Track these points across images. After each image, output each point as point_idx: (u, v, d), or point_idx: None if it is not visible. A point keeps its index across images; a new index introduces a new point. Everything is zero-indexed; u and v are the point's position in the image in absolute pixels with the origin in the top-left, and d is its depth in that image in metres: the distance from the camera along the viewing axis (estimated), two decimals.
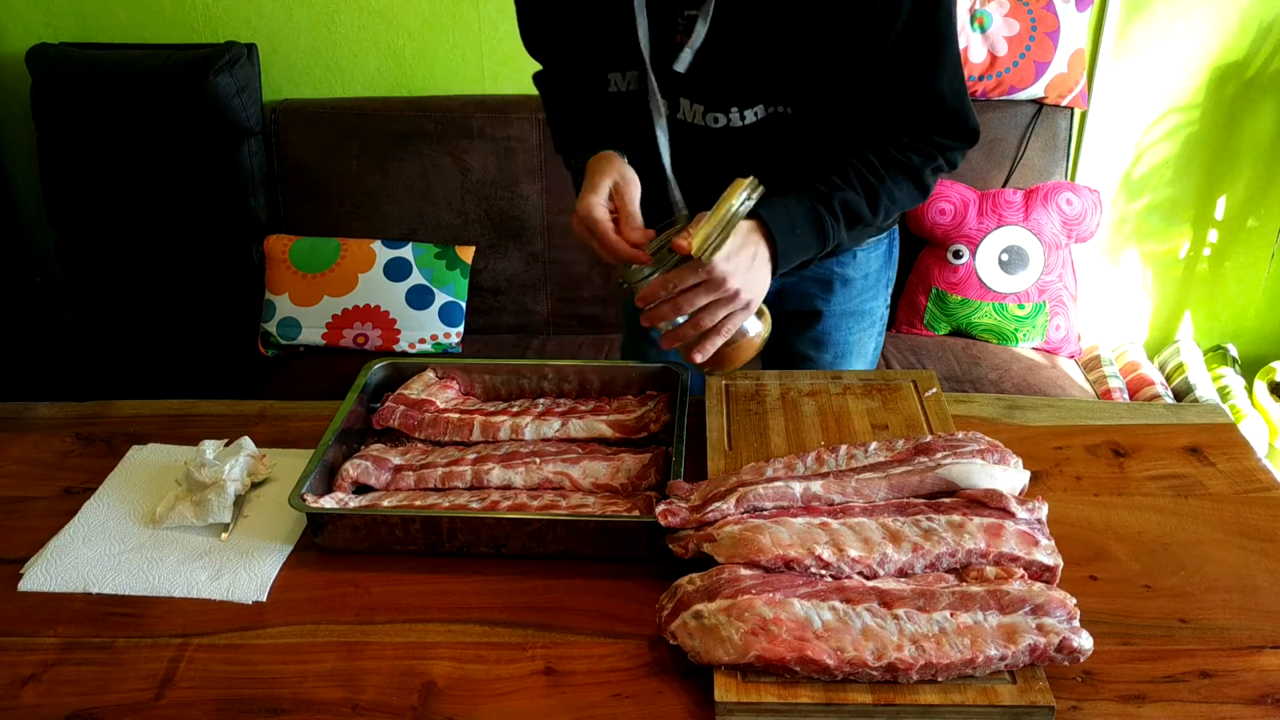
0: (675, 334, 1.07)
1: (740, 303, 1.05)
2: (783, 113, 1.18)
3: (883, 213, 1.17)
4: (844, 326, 1.45)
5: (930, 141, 1.18)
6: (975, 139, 1.20)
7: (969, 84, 2.41)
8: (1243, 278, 2.69)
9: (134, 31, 2.55)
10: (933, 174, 1.20)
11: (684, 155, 1.26)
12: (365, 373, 1.29)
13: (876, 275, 1.45)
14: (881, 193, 1.16)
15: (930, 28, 1.10)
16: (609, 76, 1.22)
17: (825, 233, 1.13)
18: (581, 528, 1.04)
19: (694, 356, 1.07)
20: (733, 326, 1.07)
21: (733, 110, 1.18)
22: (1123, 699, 0.87)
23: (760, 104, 1.17)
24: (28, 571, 1.06)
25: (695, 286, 1.03)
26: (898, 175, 1.17)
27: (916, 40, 1.10)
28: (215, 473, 1.13)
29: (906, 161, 1.17)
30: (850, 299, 1.43)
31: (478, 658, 0.94)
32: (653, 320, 1.07)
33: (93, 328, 2.67)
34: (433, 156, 2.49)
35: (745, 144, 1.20)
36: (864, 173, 1.16)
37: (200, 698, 0.90)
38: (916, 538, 0.95)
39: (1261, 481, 1.14)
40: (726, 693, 0.85)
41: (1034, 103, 2.45)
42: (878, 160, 1.16)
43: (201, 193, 2.50)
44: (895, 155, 1.17)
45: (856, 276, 1.42)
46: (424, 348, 2.46)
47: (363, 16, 2.51)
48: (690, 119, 1.21)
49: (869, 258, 1.42)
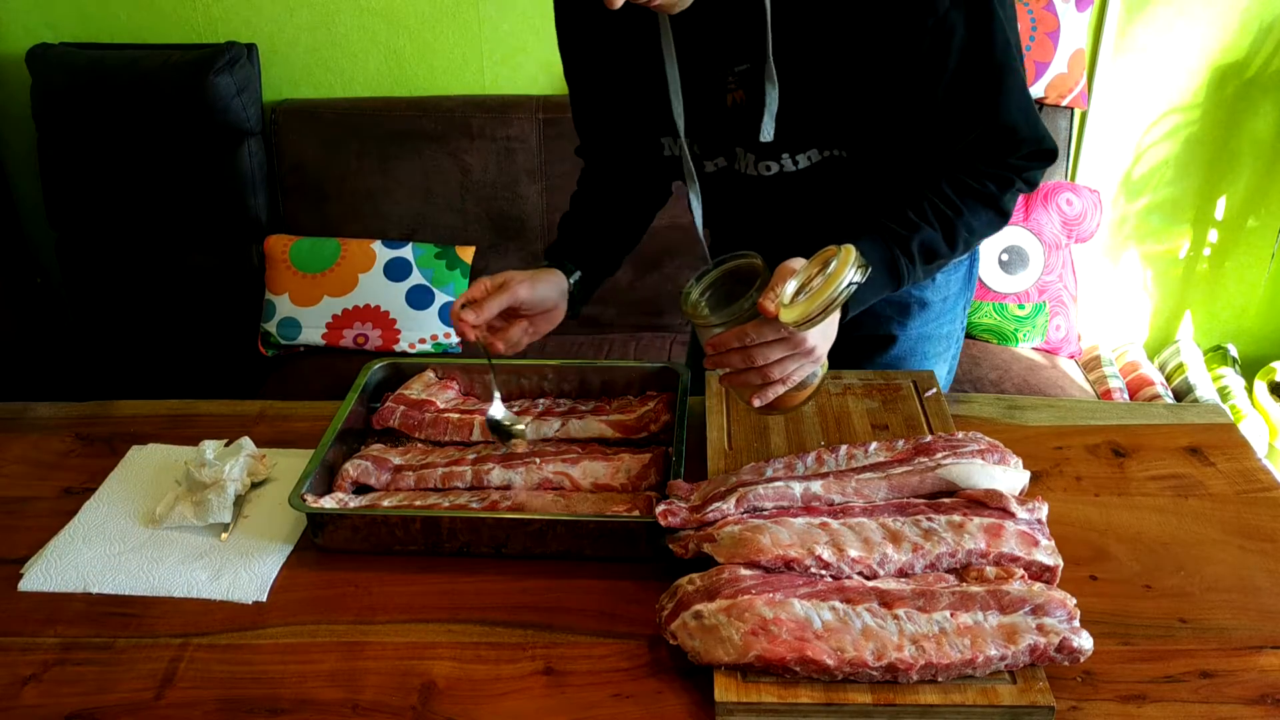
0: (740, 378, 1.04)
1: (813, 358, 1.02)
2: (837, 156, 1.14)
3: (961, 245, 1.12)
4: (919, 351, 1.39)
5: (1007, 165, 1.13)
6: (1053, 158, 1.14)
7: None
8: (1243, 278, 2.69)
9: (134, 31, 2.55)
10: (1012, 197, 1.14)
11: (739, 204, 1.25)
12: (365, 373, 1.29)
13: (956, 298, 1.40)
14: (959, 225, 1.11)
15: (987, 59, 1.05)
16: (662, 142, 1.21)
17: (900, 274, 1.09)
18: (581, 528, 1.04)
19: (754, 401, 1.04)
20: (799, 377, 1.04)
21: (784, 156, 1.15)
22: (1123, 699, 0.87)
23: (814, 148, 1.14)
24: (28, 571, 1.06)
25: (773, 342, 0.99)
26: (975, 205, 1.12)
27: (975, 75, 1.06)
28: (215, 473, 1.13)
29: (983, 190, 1.12)
30: (927, 323, 1.37)
31: (478, 658, 0.94)
32: (720, 364, 1.03)
33: (93, 328, 2.66)
34: (433, 156, 2.49)
35: (800, 189, 1.18)
36: (940, 206, 1.11)
37: (200, 698, 0.90)
38: (916, 538, 0.95)
39: (1261, 481, 1.14)
40: (726, 693, 0.85)
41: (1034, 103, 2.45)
42: (953, 191, 1.11)
43: (201, 193, 2.50)
44: (971, 184, 1.12)
45: (935, 300, 1.36)
46: (424, 348, 2.46)
47: (363, 16, 2.51)
48: (743, 169, 1.19)
49: (949, 280, 1.37)
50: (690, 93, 1.13)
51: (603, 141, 1.34)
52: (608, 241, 1.33)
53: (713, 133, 1.18)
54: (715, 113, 1.15)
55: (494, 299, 1.14)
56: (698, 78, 1.13)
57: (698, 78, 1.13)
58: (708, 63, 1.12)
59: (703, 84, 1.13)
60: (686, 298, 1.05)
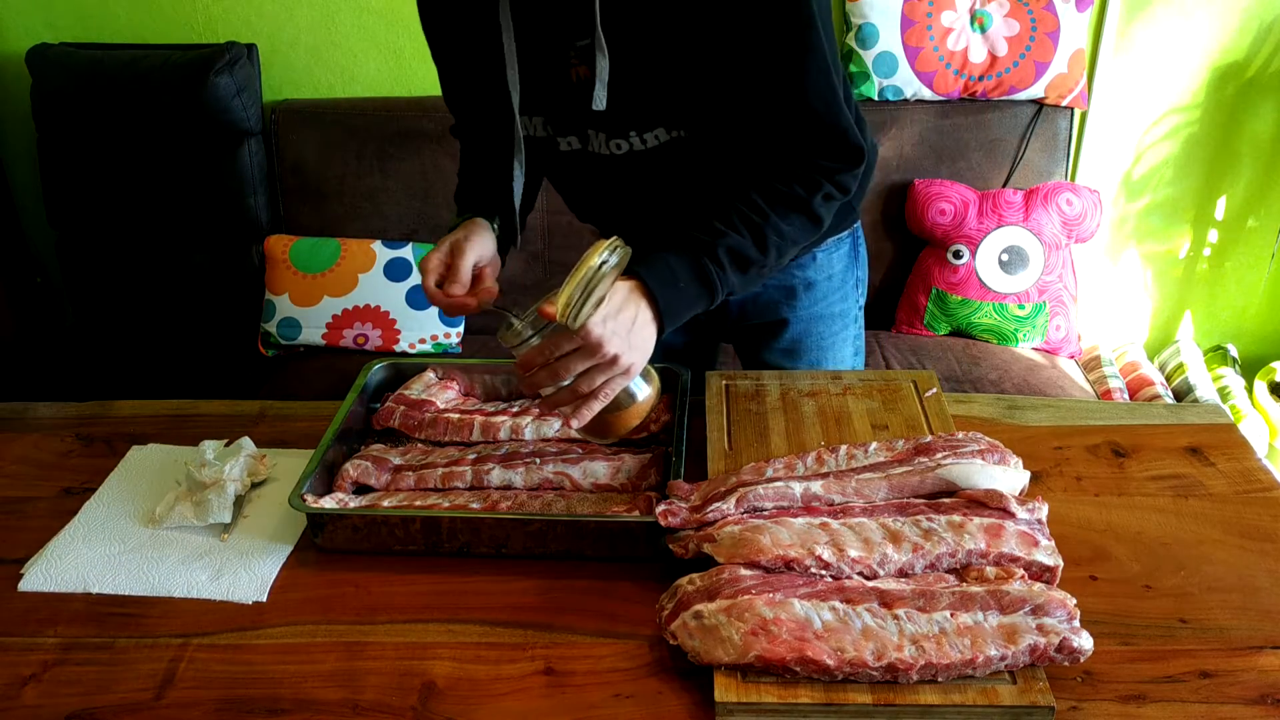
0: (552, 400, 1.02)
1: (620, 368, 1.00)
2: (680, 137, 1.15)
3: (774, 251, 1.12)
4: (814, 331, 1.42)
5: (814, 166, 1.13)
6: (860, 158, 1.14)
7: (970, 84, 2.41)
8: (1243, 278, 2.69)
9: (134, 31, 2.55)
10: (824, 203, 1.14)
11: (596, 186, 1.26)
12: (365, 373, 1.29)
13: (842, 275, 1.42)
14: (768, 230, 1.10)
15: (791, 37, 1.06)
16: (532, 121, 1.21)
17: (712, 283, 1.08)
18: (581, 528, 1.04)
19: (571, 422, 1.03)
20: (611, 392, 1.01)
21: (632, 135, 1.15)
22: (1123, 699, 0.87)
23: (660, 127, 1.14)
24: (28, 571, 1.06)
25: (571, 353, 0.98)
26: (784, 210, 1.12)
27: (779, 50, 1.07)
28: (215, 473, 1.13)
29: (791, 193, 1.12)
30: (816, 302, 1.40)
31: (478, 658, 0.94)
32: (532, 387, 1.02)
33: (93, 328, 2.66)
34: (433, 156, 2.49)
35: (649, 170, 1.18)
36: (746, 213, 1.10)
37: (200, 698, 0.90)
38: (916, 538, 0.95)
39: (1261, 481, 1.14)
40: (726, 693, 0.85)
41: (1034, 103, 2.45)
42: (761, 198, 1.11)
43: (201, 193, 2.50)
44: (779, 189, 1.12)
45: (820, 279, 1.39)
46: (424, 348, 2.46)
47: (363, 16, 2.51)
48: (597, 149, 1.19)
49: (830, 259, 1.39)
50: (536, 68, 1.14)
51: (469, 120, 1.35)
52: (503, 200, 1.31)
53: (561, 110, 1.18)
54: (561, 89, 1.15)
55: (462, 264, 1.15)
56: (541, 52, 1.13)
57: (541, 52, 1.13)
58: (549, 37, 1.13)
59: (546, 59, 1.14)
60: (509, 328, 1.04)
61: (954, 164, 2.47)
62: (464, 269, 1.14)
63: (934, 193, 2.43)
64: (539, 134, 1.22)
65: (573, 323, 0.96)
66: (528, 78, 1.14)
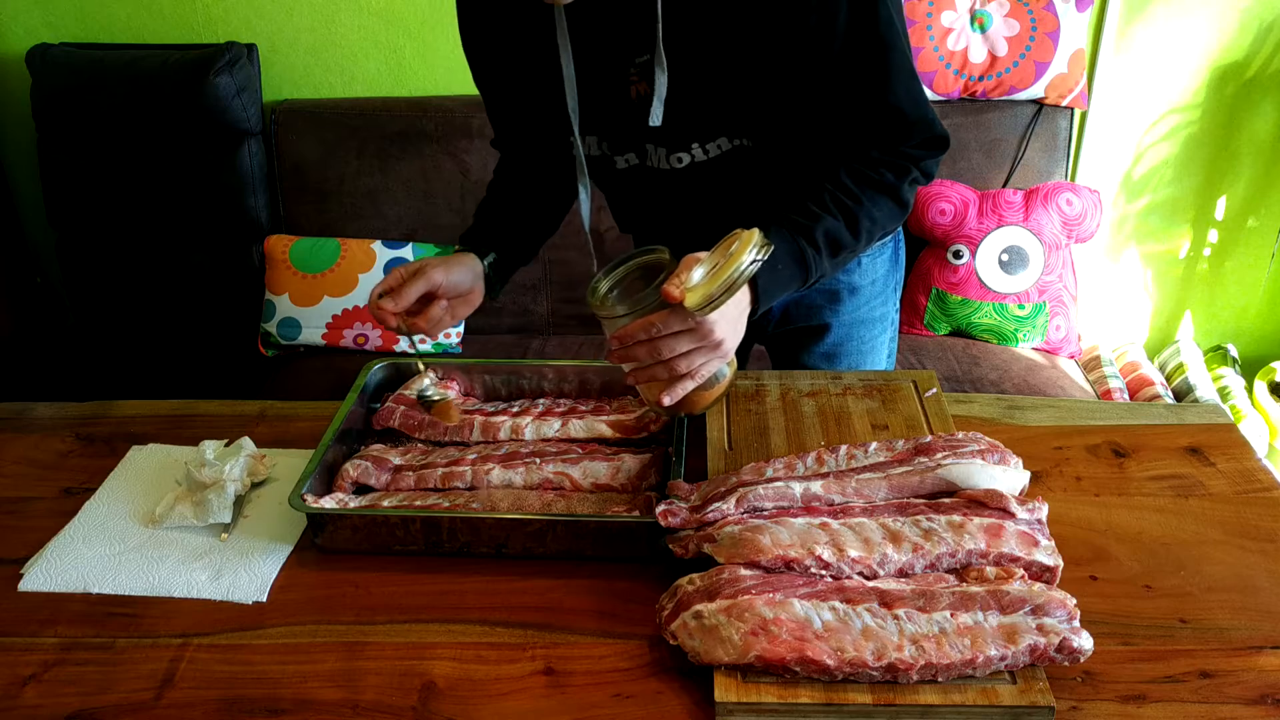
0: (647, 373, 1.01)
1: (721, 352, 1.00)
2: (744, 145, 1.15)
3: (864, 236, 1.12)
4: (856, 336, 1.41)
5: (901, 154, 1.14)
6: (946, 145, 1.16)
7: (970, 84, 2.41)
8: (1243, 278, 2.69)
9: (134, 31, 2.55)
10: (910, 187, 1.15)
11: (652, 200, 1.26)
12: (365, 373, 1.29)
13: (884, 280, 1.42)
14: (861, 215, 1.11)
15: (872, 36, 1.06)
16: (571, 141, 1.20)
17: (808, 266, 1.08)
18: (581, 528, 1.04)
19: (662, 399, 1.02)
20: (707, 373, 1.02)
21: (694, 147, 1.16)
22: (1123, 699, 0.87)
23: (722, 137, 1.14)
24: (28, 571, 1.06)
25: (679, 333, 0.98)
26: (875, 195, 1.13)
27: (860, 52, 1.07)
28: (215, 473, 1.13)
29: (881, 179, 1.13)
30: (859, 307, 1.40)
31: (478, 658, 0.94)
32: (626, 358, 1.01)
33: (93, 328, 2.66)
34: (433, 156, 2.49)
35: (708, 181, 1.19)
36: (840, 197, 1.11)
37: (200, 698, 0.90)
38: (916, 538, 0.95)
39: (1261, 481, 1.14)
40: (726, 693, 0.85)
41: (1034, 103, 2.45)
42: (852, 182, 1.12)
43: (201, 193, 2.50)
44: (869, 174, 1.13)
45: (864, 284, 1.39)
46: (424, 348, 2.46)
47: (363, 16, 2.51)
48: (656, 164, 1.19)
49: (874, 263, 1.39)
50: (594, 87, 1.13)
51: (515, 137, 1.35)
52: (522, 229, 1.35)
53: (620, 128, 1.18)
54: (620, 107, 1.15)
55: (411, 285, 1.15)
56: (599, 71, 1.13)
57: (599, 71, 1.13)
58: (608, 56, 1.12)
59: (605, 78, 1.14)
60: (594, 292, 1.03)
61: (954, 164, 2.47)
62: (410, 292, 1.15)
63: (934, 193, 2.43)
64: (594, 153, 1.22)
65: (703, 314, 0.95)
66: (583, 97, 1.13)
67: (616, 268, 1.05)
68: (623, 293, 1.04)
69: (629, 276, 1.05)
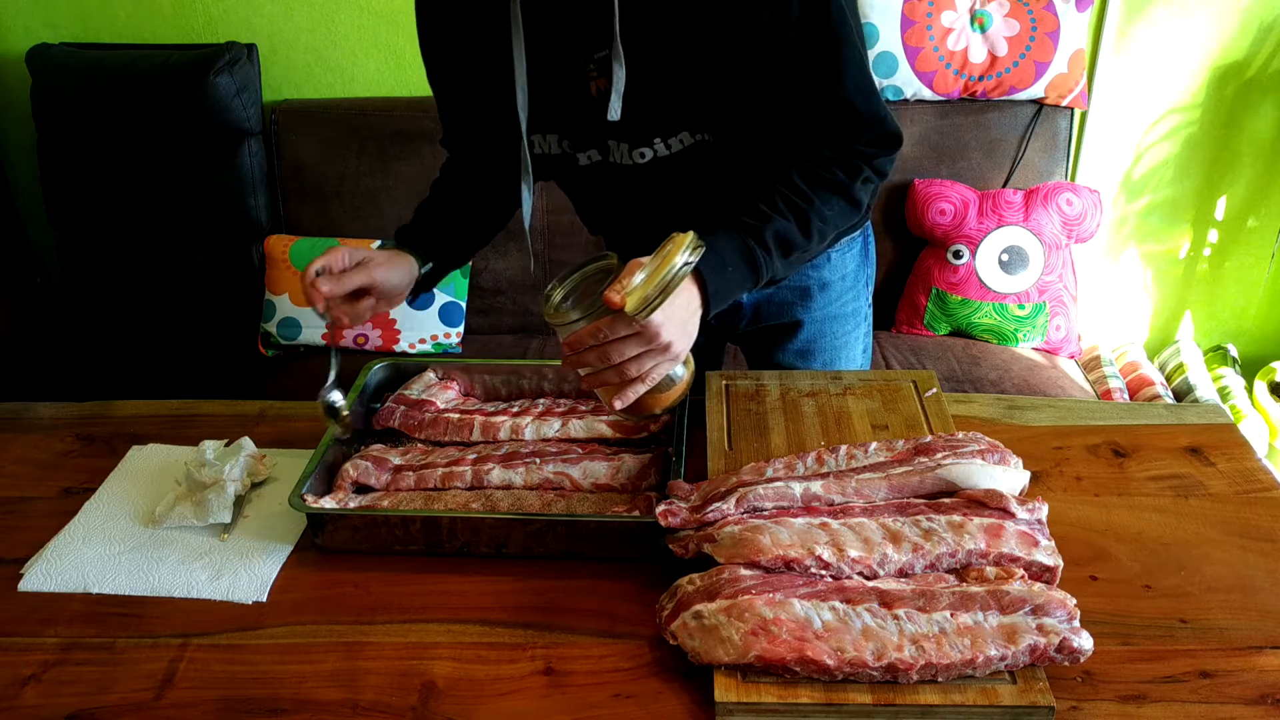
0: (598, 378, 1.01)
1: (671, 354, 1.00)
2: (705, 140, 1.15)
3: (816, 236, 1.12)
4: (829, 332, 1.42)
5: (853, 153, 1.13)
6: (898, 143, 1.15)
7: (970, 84, 2.41)
8: (1243, 278, 2.69)
9: (134, 31, 2.55)
10: (863, 186, 1.14)
11: (616, 197, 1.26)
12: (365, 373, 1.29)
13: (855, 275, 1.42)
14: (812, 215, 1.10)
15: (823, 29, 1.06)
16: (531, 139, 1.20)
17: (758, 267, 1.08)
18: (581, 528, 1.04)
19: (614, 403, 1.01)
20: (658, 376, 1.02)
21: (656, 142, 1.15)
22: (1123, 699, 0.87)
23: (683, 131, 1.14)
24: (28, 571, 1.06)
25: (627, 338, 0.97)
26: (826, 194, 1.12)
27: (811, 44, 1.07)
28: (215, 473, 1.13)
29: (833, 178, 1.12)
30: (830, 303, 1.40)
31: (478, 658, 0.94)
32: (577, 365, 1.02)
33: (93, 328, 2.66)
34: (433, 156, 2.49)
35: (672, 176, 1.18)
36: (791, 197, 1.10)
37: (200, 698, 0.90)
38: (916, 538, 0.95)
39: (1261, 481, 1.14)
40: (726, 693, 0.85)
41: (1034, 103, 2.45)
42: (803, 182, 1.11)
43: (201, 193, 2.50)
44: (820, 173, 1.12)
45: (834, 279, 1.39)
46: (424, 348, 2.46)
47: (363, 16, 2.51)
48: (619, 159, 1.19)
49: (844, 259, 1.39)
50: (553, 84, 1.13)
51: (466, 136, 1.34)
52: (461, 237, 1.35)
53: (581, 125, 1.18)
54: (580, 103, 1.15)
55: (352, 276, 1.15)
56: (558, 68, 1.13)
57: (558, 68, 1.13)
58: (566, 52, 1.12)
59: (564, 74, 1.13)
60: (547, 300, 1.04)
61: (954, 164, 2.47)
62: (350, 282, 1.15)
63: (934, 193, 2.43)
64: (554, 151, 1.21)
65: (642, 319, 0.95)
66: (543, 95, 1.13)
67: (570, 275, 1.05)
68: (576, 300, 1.04)
69: (583, 284, 1.05)
